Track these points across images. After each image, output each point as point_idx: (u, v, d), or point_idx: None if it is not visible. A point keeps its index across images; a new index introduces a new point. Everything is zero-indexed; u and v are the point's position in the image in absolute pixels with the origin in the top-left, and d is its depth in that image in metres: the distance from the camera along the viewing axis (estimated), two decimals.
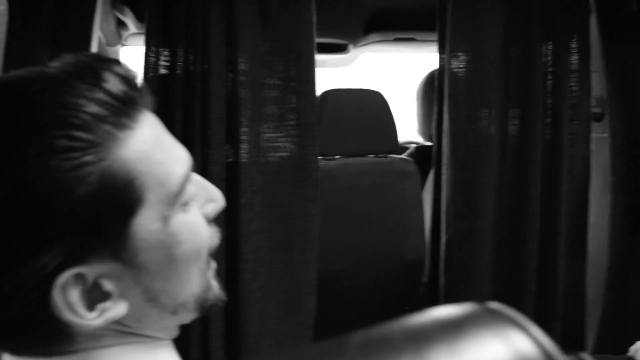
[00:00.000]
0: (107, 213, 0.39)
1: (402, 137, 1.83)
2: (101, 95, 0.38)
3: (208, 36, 1.10)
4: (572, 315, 1.40)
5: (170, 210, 0.43)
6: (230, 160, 1.16)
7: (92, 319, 0.40)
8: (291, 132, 1.19)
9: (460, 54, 1.32)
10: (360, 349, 0.20)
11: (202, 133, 1.12)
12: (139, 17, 1.72)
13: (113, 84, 0.39)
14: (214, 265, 0.51)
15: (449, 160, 1.34)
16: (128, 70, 0.41)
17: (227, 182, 1.15)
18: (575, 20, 1.36)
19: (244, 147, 1.15)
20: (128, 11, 1.67)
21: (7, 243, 0.36)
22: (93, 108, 0.38)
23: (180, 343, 0.51)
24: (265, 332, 1.25)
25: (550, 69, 1.36)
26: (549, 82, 1.36)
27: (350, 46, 1.98)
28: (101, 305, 0.41)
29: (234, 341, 1.23)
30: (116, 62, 0.41)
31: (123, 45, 2.03)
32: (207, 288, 0.49)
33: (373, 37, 1.92)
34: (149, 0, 1.11)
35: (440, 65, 1.35)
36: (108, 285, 0.41)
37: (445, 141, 1.34)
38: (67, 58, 0.41)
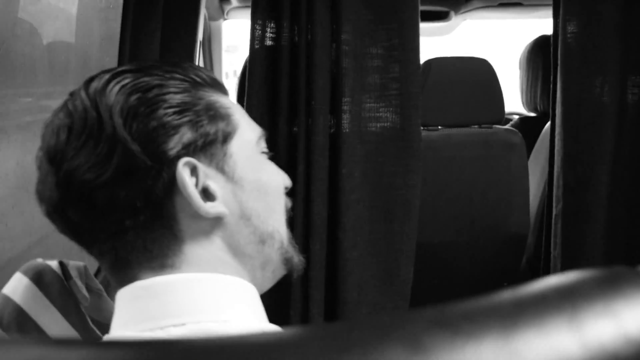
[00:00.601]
0: (212, 124, 0.54)
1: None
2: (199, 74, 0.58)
3: (312, 6, 1.11)
4: None
5: (257, 146, 0.59)
6: (333, 130, 1.18)
7: (203, 204, 0.51)
8: (393, 102, 1.18)
9: (573, 17, 1.23)
10: (513, 307, 0.19)
11: (307, 103, 1.13)
12: None
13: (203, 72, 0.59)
14: (289, 233, 0.63)
15: (559, 131, 1.27)
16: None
17: (330, 151, 1.17)
18: None
19: (346, 117, 1.15)
20: None
21: (144, 130, 0.50)
22: (194, 75, 0.56)
23: (282, 307, 0.56)
24: (363, 300, 1.26)
25: None
26: None
27: (452, 13, 1.91)
28: (210, 203, 0.53)
29: (332, 308, 1.26)
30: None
31: (225, 19, 2.09)
32: (290, 241, 0.61)
33: (476, 2, 1.84)
34: None
35: (555, 31, 1.27)
36: (213, 186, 0.53)
37: (557, 112, 1.27)
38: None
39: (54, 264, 0.65)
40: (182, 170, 0.50)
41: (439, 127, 1.46)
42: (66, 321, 0.62)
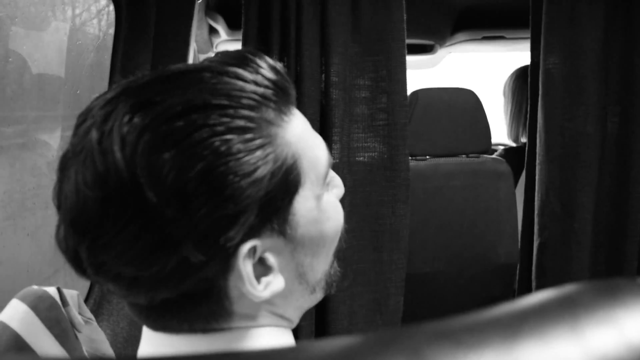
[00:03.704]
0: (280, 190, 0.42)
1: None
2: (262, 79, 0.42)
3: (301, 39, 1.13)
4: None
5: (321, 189, 0.46)
6: None
7: (260, 291, 0.42)
8: (381, 132, 1.19)
9: (555, 50, 1.26)
10: (514, 318, 0.19)
11: None
12: (231, 24, 1.79)
13: (268, 71, 0.42)
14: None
15: (543, 159, 1.29)
16: (276, 62, 0.44)
17: None
18: None
19: (335, 147, 1.16)
20: (220, 19, 1.74)
21: (205, 218, 0.38)
22: (259, 90, 0.41)
23: None
24: (352, 330, 1.26)
25: None
26: None
27: (437, 46, 1.95)
28: (265, 279, 0.43)
29: (322, 338, 1.25)
30: (264, 55, 0.44)
31: (214, 52, 2.11)
32: (332, 265, 0.51)
33: (460, 36, 1.88)
34: (246, 6, 1.15)
35: (534, 63, 1.30)
36: (271, 259, 0.43)
37: (539, 140, 1.29)
38: (224, 53, 0.44)
39: (51, 290, 0.64)
40: (243, 260, 0.41)
41: (427, 157, 1.48)
42: (63, 348, 0.61)
